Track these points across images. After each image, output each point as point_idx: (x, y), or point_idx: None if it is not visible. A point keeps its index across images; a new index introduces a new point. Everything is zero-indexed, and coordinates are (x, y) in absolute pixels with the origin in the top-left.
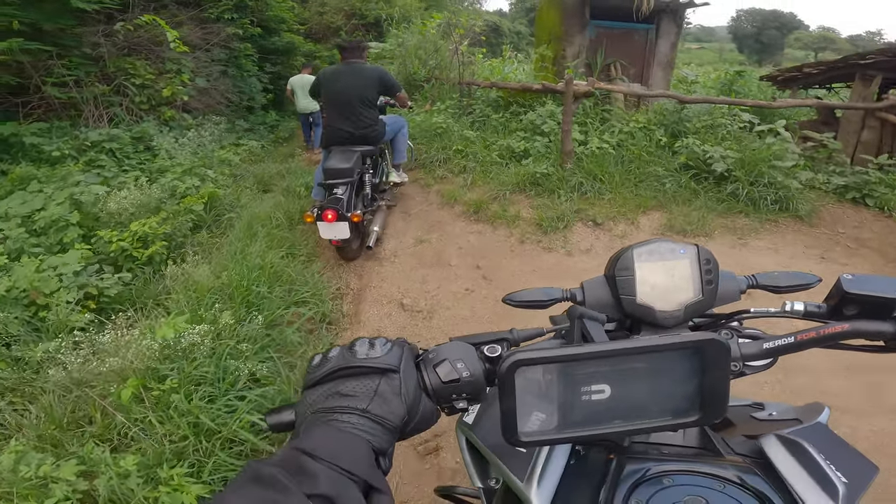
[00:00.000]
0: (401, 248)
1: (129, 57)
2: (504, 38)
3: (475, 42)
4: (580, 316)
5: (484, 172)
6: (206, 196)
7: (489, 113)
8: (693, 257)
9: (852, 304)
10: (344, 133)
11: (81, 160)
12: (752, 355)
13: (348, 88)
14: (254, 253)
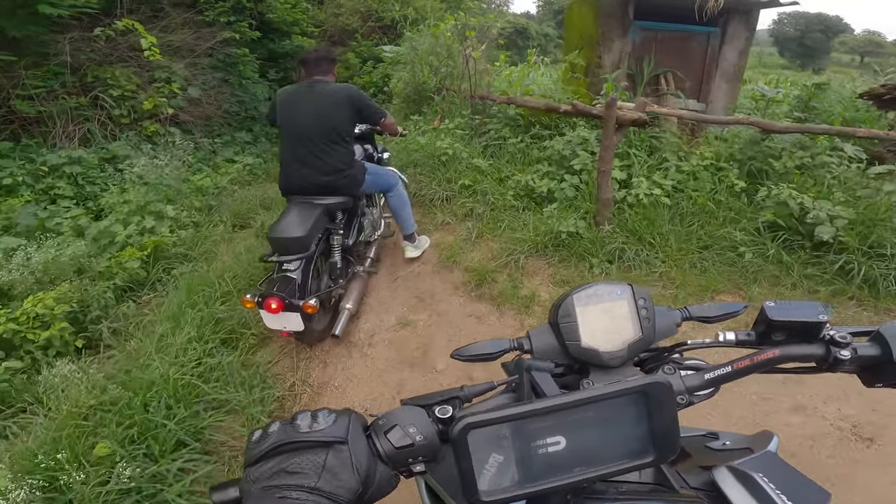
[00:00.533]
0: (379, 329)
1: (109, 65)
2: (531, 40)
3: (494, 46)
4: (527, 368)
5: (494, 220)
6: (148, 247)
7: (506, 135)
8: (629, 297)
9: (779, 331)
10: (304, 179)
11: (37, 187)
12: (695, 387)
13: (309, 116)
14: (174, 346)
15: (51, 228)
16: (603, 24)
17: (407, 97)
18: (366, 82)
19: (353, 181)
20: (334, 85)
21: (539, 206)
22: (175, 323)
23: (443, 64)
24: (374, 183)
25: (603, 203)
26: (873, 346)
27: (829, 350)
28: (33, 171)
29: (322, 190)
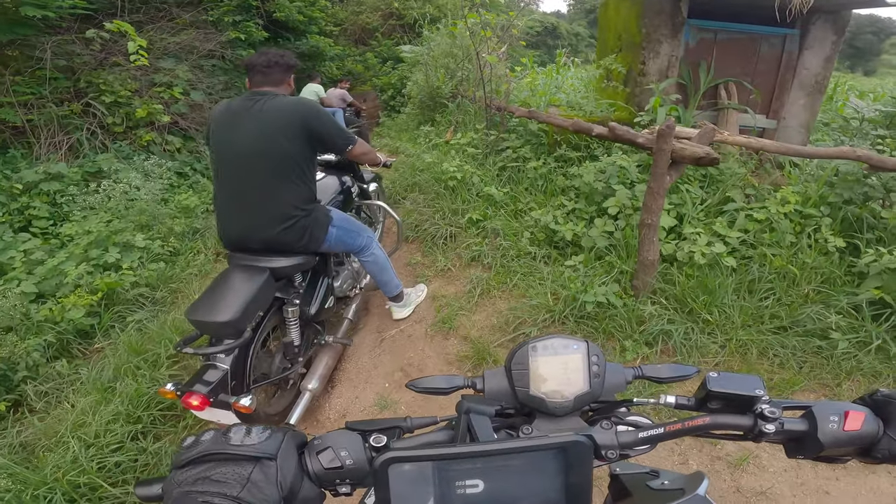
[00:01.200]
0: (353, 408)
1: (103, 70)
2: (561, 40)
3: (514, 48)
4: (466, 411)
5: (506, 270)
6: (101, 290)
7: (526, 155)
8: (584, 352)
9: (716, 400)
10: (244, 230)
11: (11, 207)
12: (628, 443)
13: (248, 142)
14: (94, 425)
15: (2, 264)
16: (648, 23)
17: (421, 103)
18: (384, 83)
19: (310, 235)
20: (284, 99)
21: (561, 255)
22: (103, 395)
23: (459, 67)
24: (339, 240)
25: (644, 265)
26: (802, 421)
27: (756, 422)
28: (7, 189)
29: (268, 246)
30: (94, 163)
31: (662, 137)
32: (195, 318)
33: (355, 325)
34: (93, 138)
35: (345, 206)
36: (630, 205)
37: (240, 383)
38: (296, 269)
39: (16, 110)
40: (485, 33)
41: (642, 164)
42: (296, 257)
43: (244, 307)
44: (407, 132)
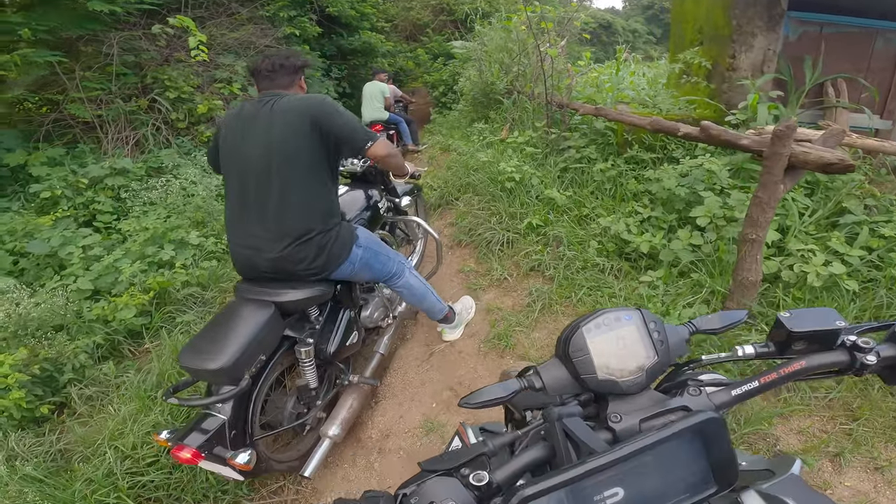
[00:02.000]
0: (397, 429)
1: (168, 66)
2: (617, 36)
3: (576, 42)
4: (559, 418)
5: (569, 283)
6: (154, 289)
7: (591, 155)
8: (639, 321)
9: (799, 340)
10: (252, 251)
11: (76, 202)
12: (724, 403)
13: (257, 148)
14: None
15: (62, 259)
16: (739, 14)
17: (474, 99)
18: (435, 80)
19: (329, 254)
20: (292, 97)
21: (635, 269)
22: (144, 403)
23: (515, 62)
24: (365, 265)
25: (744, 285)
26: (893, 346)
27: (854, 356)
28: (73, 183)
29: (277, 269)
30: (158, 158)
31: (780, 140)
32: (186, 364)
33: (401, 336)
34: (157, 134)
35: (371, 225)
36: (722, 214)
37: (241, 434)
38: (308, 302)
39: (86, 106)
40: (545, 25)
41: (734, 167)
42: (309, 288)
43: (241, 352)
44: (459, 129)
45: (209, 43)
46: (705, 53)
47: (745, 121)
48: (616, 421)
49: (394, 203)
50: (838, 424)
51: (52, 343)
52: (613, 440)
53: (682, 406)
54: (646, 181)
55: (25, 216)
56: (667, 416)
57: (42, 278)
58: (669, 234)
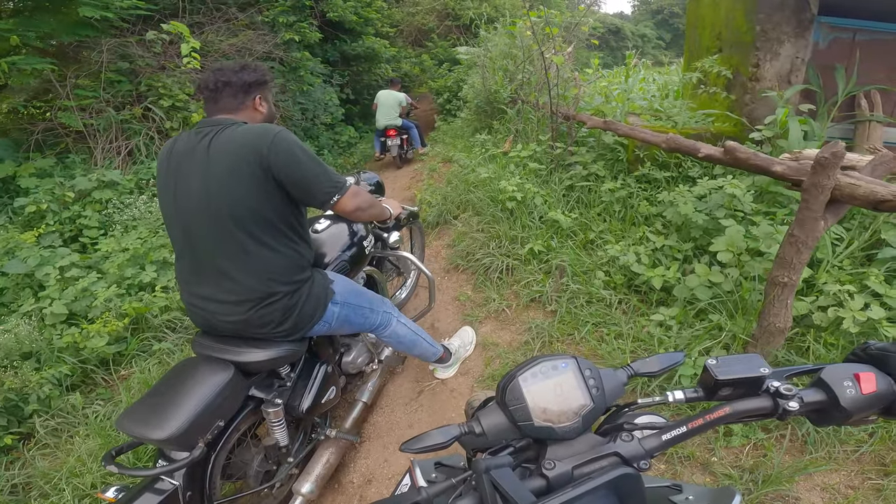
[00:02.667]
0: (380, 472)
1: (162, 73)
2: (626, 41)
3: (584, 48)
4: (486, 469)
5: (573, 318)
6: (130, 315)
7: (599, 172)
8: (574, 368)
9: (725, 386)
10: (205, 310)
11: (63, 216)
12: (654, 448)
13: (196, 197)
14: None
15: (39, 280)
16: (764, 19)
17: (478, 108)
18: (440, 86)
19: (298, 316)
20: (237, 130)
21: (644, 303)
22: (106, 440)
23: (519, 69)
24: (344, 321)
25: (770, 332)
26: (818, 391)
27: (777, 402)
28: (60, 197)
29: (237, 331)
30: (149, 169)
31: (823, 169)
32: (126, 430)
33: (390, 371)
34: (151, 143)
35: (356, 264)
36: (745, 247)
37: (197, 498)
38: (277, 363)
39: (76, 115)
40: (553, 31)
41: (759, 190)
42: (277, 347)
43: (192, 419)
44: (462, 139)
45: (205, 49)
46: (725, 62)
47: (772, 137)
48: (550, 468)
49: (382, 238)
50: (867, 480)
51: (17, 372)
52: (547, 487)
53: (614, 452)
54: (658, 203)
55: (10, 231)
56: (598, 462)
57: (20, 299)
58: (683, 263)
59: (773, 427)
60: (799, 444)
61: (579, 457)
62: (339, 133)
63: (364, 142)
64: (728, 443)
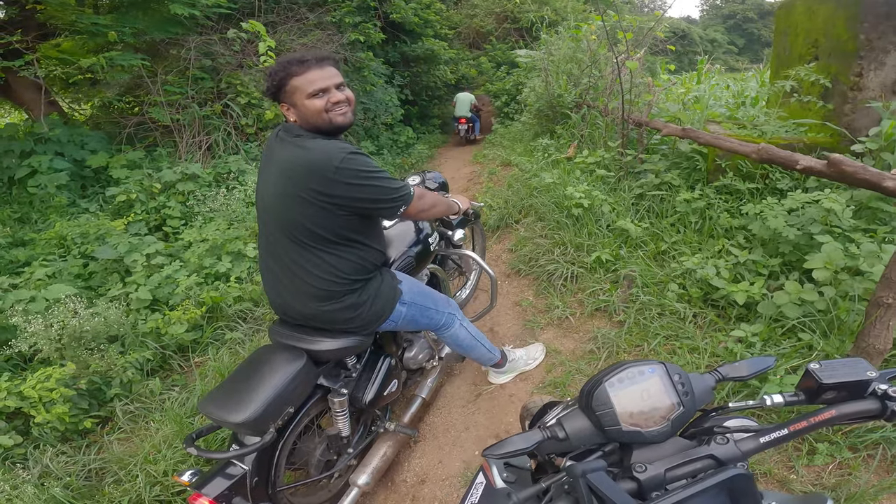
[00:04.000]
0: (435, 474)
1: (240, 71)
2: (694, 46)
3: (651, 53)
4: (583, 474)
5: (642, 331)
6: (206, 304)
7: (673, 181)
8: (662, 374)
9: (829, 390)
10: (283, 301)
11: (149, 205)
12: (750, 451)
13: (269, 200)
14: (165, 462)
15: (126, 266)
16: (868, 28)
17: (539, 112)
18: (498, 89)
19: (367, 314)
20: (296, 148)
21: (721, 318)
22: (180, 427)
23: (584, 74)
24: (409, 321)
25: (866, 353)
26: None
27: (886, 405)
28: (147, 188)
29: (315, 321)
30: (226, 164)
31: None
32: (208, 412)
33: (430, 403)
34: (228, 139)
35: (421, 261)
36: (844, 269)
37: (263, 484)
38: (345, 353)
39: (165, 110)
40: (626, 35)
41: (860, 205)
42: (345, 338)
43: (267, 404)
44: (521, 143)
45: (278, 48)
46: (822, 70)
47: (876, 150)
48: (641, 471)
49: (446, 236)
50: None
51: (104, 355)
52: (638, 490)
53: (709, 455)
54: (741, 216)
55: (101, 218)
56: (692, 464)
57: (108, 283)
58: (769, 280)
59: (861, 447)
60: (887, 465)
61: (669, 460)
62: (397, 133)
63: (421, 143)
64: (810, 461)
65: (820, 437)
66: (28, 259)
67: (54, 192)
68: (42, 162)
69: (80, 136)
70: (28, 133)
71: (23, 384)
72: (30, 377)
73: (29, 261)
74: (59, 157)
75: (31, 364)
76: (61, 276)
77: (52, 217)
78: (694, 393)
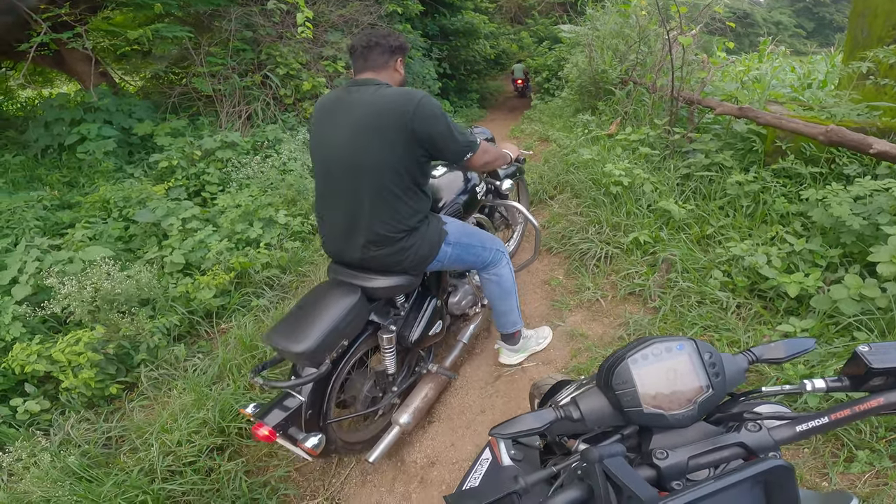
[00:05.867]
0: (445, 456)
1: (279, 42)
2: (757, 28)
3: (714, 31)
4: (600, 459)
5: (678, 319)
6: (235, 269)
7: (724, 162)
8: (692, 352)
9: (878, 376)
10: (340, 244)
11: (189, 171)
12: (785, 440)
13: (342, 145)
14: (181, 430)
15: (164, 230)
16: None
17: (581, 88)
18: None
19: (415, 256)
20: (382, 92)
21: (768, 310)
22: (199, 397)
23: (632, 50)
24: (455, 260)
25: None
26: None
27: None
28: (189, 155)
29: (365, 264)
30: (263, 133)
31: None
32: (272, 344)
33: (470, 349)
34: (266, 109)
35: (468, 209)
36: None
37: (316, 416)
38: (396, 290)
39: (207, 80)
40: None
41: None
42: (397, 277)
43: (324, 336)
44: (561, 119)
45: (316, 20)
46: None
47: None
48: (662, 458)
49: (494, 186)
50: None
51: (134, 319)
52: (657, 478)
53: (739, 443)
54: (801, 202)
55: (144, 183)
56: (719, 452)
57: (145, 246)
58: (827, 272)
59: None
60: None
61: (694, 447)
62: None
63: (459, 116)
64: (847, 468)
65: (861, 443)
66: (72, 221)
67: (101, 158)
68: (91, 130)
69: (129, 106)
70: (80, 103)
71: (53, 347)
72: (60, 340)
73: (73, 223)
74: (107, 125)
75: (65, 326)
76: (101, 239)
77: (99, 182)
78: (725, 374)
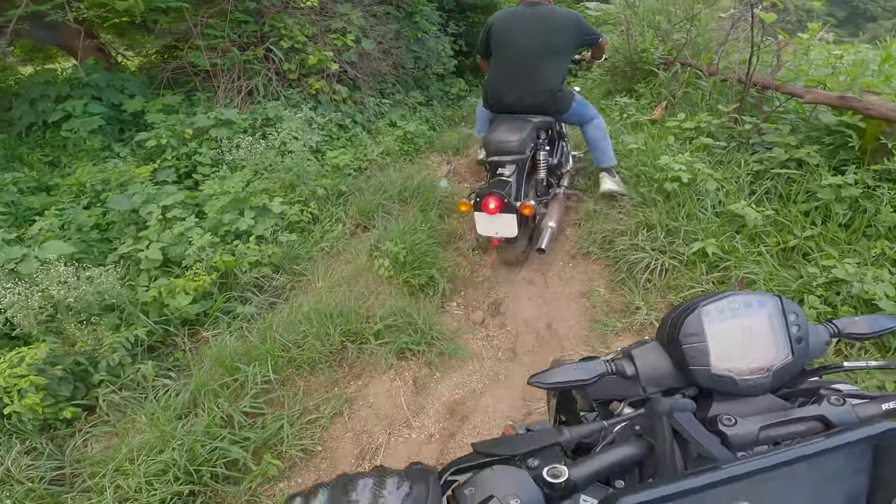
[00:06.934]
0: None
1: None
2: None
3: None
4: (668, 412)
5: None
6: (220, 268)
7: (810, 159)
8: (774, 310)
9: None
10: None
11: (180, 151)
12: (870, 418)
13: (532, 37)
14: (137, 476)
15: (142, 218)
16: None
17: (614, 67)
18: None
19: (564, 101)
20: (559, 10)
21: (882, 350)
22: (162, 434)
23: (676, 28)
24: (575, 112)
25: None
26: None
27: None
28: (180, 133)
29: (531, 109)
30: (264, 110)
31: None
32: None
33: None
34: (268, 85)
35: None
36: None
37: (518, 193)
38: (546, 125)
39: (204, 54)
40: None
41: None
42: (545, 117)
43: (525, 136)
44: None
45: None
46: None
47: None
48: (729, 424)
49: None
50: None
51: (95, 329)
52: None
53: (819, 416)
54: None
55: (129, 164)
56: (796, 425)
57: (123, 237)
58: None
59: None
60: None
61: (764, 417)
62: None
63: (474, 95)
64: None
65: None
66: (43, 207)
67: (86, 136)
68: (76, 106)
69: (121, 81)
70: (68, 79)
71: None
72: (2, 359)
73: (43, 209)
74: (95, 101)
75: (13, 341)
76: (70, 229)
77: (83, 161)
78: (808, 342)
